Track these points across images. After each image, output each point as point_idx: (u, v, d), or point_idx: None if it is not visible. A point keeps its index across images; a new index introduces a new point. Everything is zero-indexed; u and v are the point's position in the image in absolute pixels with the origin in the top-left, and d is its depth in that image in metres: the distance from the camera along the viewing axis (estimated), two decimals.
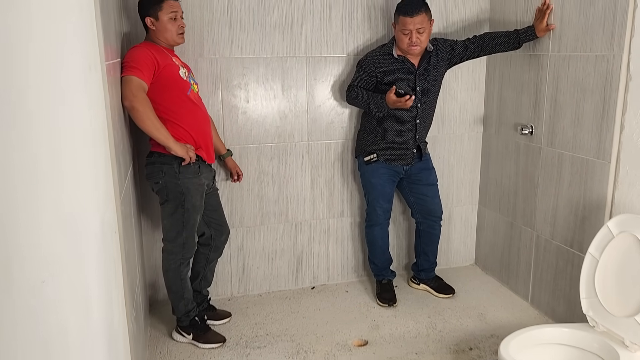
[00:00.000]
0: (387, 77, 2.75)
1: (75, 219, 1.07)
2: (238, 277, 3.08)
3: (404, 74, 2.75)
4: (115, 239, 1.69)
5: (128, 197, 2.12)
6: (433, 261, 3.12)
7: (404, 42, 2.66)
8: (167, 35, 2.35)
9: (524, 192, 2.94)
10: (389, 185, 2.94)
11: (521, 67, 2.88)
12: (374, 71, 2.75)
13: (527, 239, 2.94)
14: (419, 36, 2.63)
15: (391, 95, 2.60)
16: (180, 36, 2.39)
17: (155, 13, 2.33)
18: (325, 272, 3.24)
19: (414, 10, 2.59)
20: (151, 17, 2.33)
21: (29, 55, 0.85)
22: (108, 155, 1.67)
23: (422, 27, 2.62)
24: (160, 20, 2.33)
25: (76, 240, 1.07)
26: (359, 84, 2.78)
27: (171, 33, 2.35)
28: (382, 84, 2.76)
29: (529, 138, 2.84)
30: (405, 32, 2.63)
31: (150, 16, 2.33)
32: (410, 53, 2.71)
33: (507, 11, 2.96)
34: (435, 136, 3.19)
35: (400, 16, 2.63)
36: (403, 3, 2.66)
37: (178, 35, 2.38)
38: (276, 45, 2.86)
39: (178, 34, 2.38)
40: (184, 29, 2.40)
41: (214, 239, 2.64)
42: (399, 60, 2.74)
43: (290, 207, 3.08)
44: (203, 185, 2.42)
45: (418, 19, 2.60)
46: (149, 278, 2.91)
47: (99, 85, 1.56)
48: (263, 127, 2.94)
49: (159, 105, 2.28)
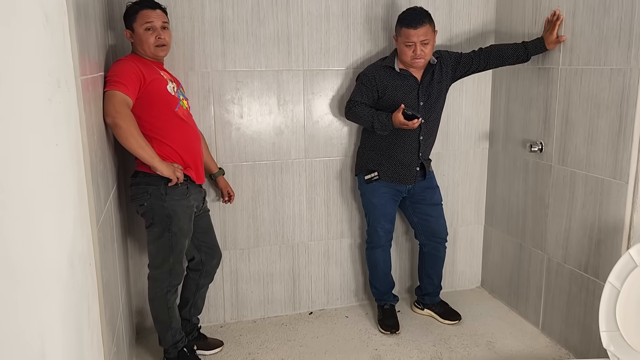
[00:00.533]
0: (388, 92, 2.60)
1: (25, 264, 0.91)
2: (231, 303, 2.91)
3: (407, 88, 2.60)
4: (89, 272, 1.53)
5: (109, 222, 1.96)
6: (438, 285, 2.95)
7: (407, 55, 2.52)
8: (145, 48, 2.21)
9: (533, 212, 2.78)
10: (391, 205, 2.78)
11: (529, 80, 2.73)
12: (375, 86, 2.60)
13: (538, 261, 2.77)
14: (423, 48, 2.49)
15: (399, 116, 2.45)
16: (159, 48, 2.22)
17: (131, 25, 2.20)
18: (324, 296, 3.07)
19: (417, 22, 2.45)
20: (128, 30, 2.21)
21: None
22: (83, 179, 1.52)
23: (426, 39, 2.48)
24: (136, 32, 2.20)
25: (26, 291, 0.91)
26: (359, 100, 2.63)
27: (148, 45, 2.20)
28: (384, 99, 2.61)
29: (539, 155, 2.69)
30: (409, 44, 2.49)
31: (128, 28, 2.22)
32: (414, 66, 2.57)
33: (514, 22, 2.82)
34: (439, 152, 3.04)
35: (403, 28, 2.48)
36: (405, 14, 2.52)
37: (155, 47, 2.21)
38: (271, 57, 2.71)
39: (155, 46, 2.21)
40: (162, 40, 2.23)
41: (204, 263, 2.48)
42: (401, 74, 2.59)
43: (287, 228, 2.92)
44: (192, 207, 2.26)
45: (422, 31, 2.46)
46: (135, 305, 2.74)
47: (70, 102, 1.41)
48: (258, 143, 2.78)
49: (145, 122, 2.13)
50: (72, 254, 1.29)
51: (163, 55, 2.27)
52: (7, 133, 0.86)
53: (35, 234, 0.98)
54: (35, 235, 0.99)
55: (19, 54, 0.95)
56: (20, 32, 0.98)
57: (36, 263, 0.98)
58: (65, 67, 1.36)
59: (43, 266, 1.03)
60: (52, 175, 1.15)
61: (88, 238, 1.53)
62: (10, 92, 0.89)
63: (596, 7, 2.27)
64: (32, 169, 1.00)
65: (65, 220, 1.26)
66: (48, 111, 1.14)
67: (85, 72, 1.65)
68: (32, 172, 0.99)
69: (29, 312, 0.92)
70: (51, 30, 1.22)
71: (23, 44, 0.99)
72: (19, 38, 0.97)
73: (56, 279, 1.12)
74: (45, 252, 1.05)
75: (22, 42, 0.98)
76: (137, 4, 2.21)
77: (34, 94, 1.04)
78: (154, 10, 2.21)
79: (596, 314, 2.37)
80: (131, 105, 2.06)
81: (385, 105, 2.60)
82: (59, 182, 1.21)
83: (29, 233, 0.95)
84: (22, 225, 0.91)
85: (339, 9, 2.76)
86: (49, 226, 1.08)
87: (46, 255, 1.05)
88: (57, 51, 1.27)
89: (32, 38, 1.05)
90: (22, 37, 0.99)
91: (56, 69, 1.25)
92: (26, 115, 0.97)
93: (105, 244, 1.82)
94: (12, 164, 0.87)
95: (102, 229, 1.75)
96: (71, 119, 1.40)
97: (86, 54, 1.71)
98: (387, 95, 2.60)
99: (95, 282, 1.61)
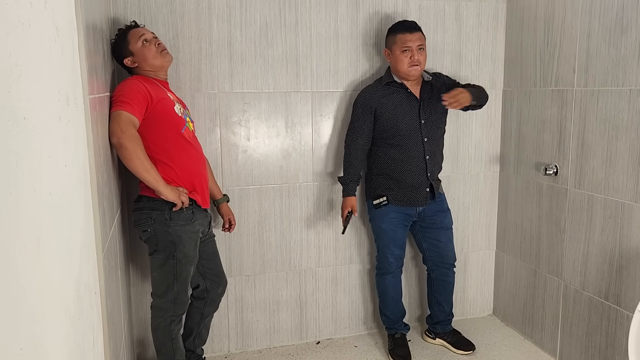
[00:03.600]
0: (387, 112, 2.55)
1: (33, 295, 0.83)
2: (236, 332, 2.80)
3: (408, 106, 2.56)
4: (95, 301, 1.44)
5: (113, 249, 1.87)
6: (449, 312, 2.85)
7: (404, 63, 2.49)
8: (150, 62, 2.15)
9: (548, 237, 2.70)
10: (401, 230, 2.69)
11: (542, 103, 2.68)
12: (372, 107, 2.56)
13: (554, 288, 2.68)
14: (420, 54, 2.49)
15: (347, 208, 2.60)
16: (164, 54, 2.18)
17: (127, 49, 2.14)
18: (332, 324, 2.96)
19: (412, 27, 2.51)
20: (127, 57, 2.15)
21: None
22: (89, 202, 1.43)
23: (422, 44, 2.51)
24: (135, 53, 2.14)
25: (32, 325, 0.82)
26: (358, 126, 2.60)
27: (152, 55, 2.15)
28: (383, 119, 2.56)
29: (553, 179, 2.62)
30: (405, 49, 2.49)
31: (126, 56, 2.15)
32: (411, 76, 2.52)
33: (524, 44, 2.78)
34: (449, 176, 2.97)
35: (398, 34, 2.50)
36: (397, 23, 2.56)
37: (161, 53, 2.17)
38: (280, 79, 2.66)
39: (160, 52, 2.17)
40: (162, 45, 2.20)
41: (209, 291, 2.37)
42: (400, 89, 2.55)
43: (294, 254, 2.83)
44: (197, 233, 2.17)
45: (418, 35, 2.50)
46: (137, 334, 2.62)
47: (79, 121, 1.33)
48: (265, 166, 2.71)
49: (150, 143, 2.06)
50: (79, 283, 1.21)
51: (169, 61, 2.22)
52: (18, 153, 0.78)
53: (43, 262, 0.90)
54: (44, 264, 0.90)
55: (30, 67, 0.88)
56: (32, 44, 0.91)
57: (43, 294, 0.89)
58: (75, 84, 1.30)
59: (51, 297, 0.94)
60: (61, 198, 1.07)
61: (93, 265, 1.44)
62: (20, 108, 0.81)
63: (612, 27, 2.23)
64: (43, 191, 0.92)
65: (73, 246, 1.17)
66: (58, 130, 1.07)
67: (93, 91, 1.58)
68: (42, 195, 0.91)
69: (35, 348, 0.83)
70: (61, 45, 1.16)
71: (35, 56, 0.92)
72: (31, 50, 0.90)
73: (64, 311, 1.03)
74: (53, 281, 0.96)
75: (33, 54, 0.91)
76: (120, 31, 2.18)
77: (45, 111, 0.97)
78: (139, 27, 2.20)
79: (619, 343, 2.28)
80: (137, 125, 1.99)
81: (385, 125, 2.56)
82: (68, 206, 1.12)
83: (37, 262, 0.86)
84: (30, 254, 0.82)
85: (348, 30, 2.72)
86: (57, 254, 1.00)
87: (54, 285, 0.96)
88: (66, 67, 1.20)
89: (44, 51, 0.99)
90: (34, 49, 0.92)
91: (66, 85, 1.18)
92: (37, 134, 0.90)
93: (110, 271, 1.72)
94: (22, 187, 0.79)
95: (107, 256, 1.66)
96: (79, 139, 1.32)
97: (94, 72, 1.65)
98: (386, 114, 2.55)
99: (100, 312, 1.51)
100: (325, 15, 2.67)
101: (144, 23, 2.35)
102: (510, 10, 2.91)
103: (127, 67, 2.19)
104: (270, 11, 2.59)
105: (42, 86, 0.95)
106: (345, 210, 2.60)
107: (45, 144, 0.95)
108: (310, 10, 2.65)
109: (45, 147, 0.95)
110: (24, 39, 0.85)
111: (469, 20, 2.89)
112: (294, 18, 2.63)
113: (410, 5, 2.79)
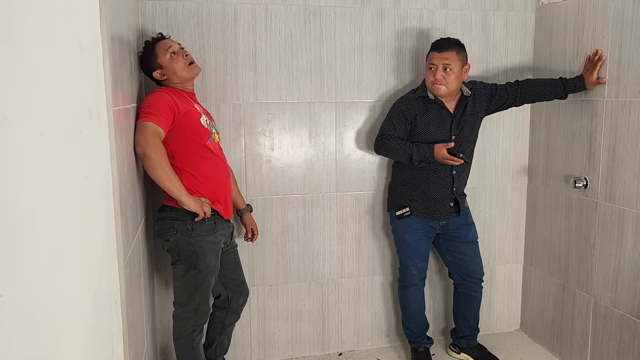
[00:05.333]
0: (421, 125, 2.51)
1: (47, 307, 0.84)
2: (258, 341, 2.80)
3: (440, 121, 2.51)
4: (115, 310, 1.46)
5: (136, 257, 1.89)
6: (475, 327, 2.79)
7: (428, 79, 2.46)
8: (179, 74, 2.18)
9: (578, 252, 2.62)
10: (424, 242, 2.66)
11: (571, 114, 2.62)
12: (407, 118, 2.52)
13: (583, 304, 2.60)
14: (444, 74, 2.41)
15: (443, 150, 2.38)
16: (192, 67, 2.21)
17: (155, 62, 2.17)
18: (354, 336, 2.93)
19: (443, 46, 2.43)
20: (156, 70, 2.18)
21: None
22: (111, 213, 1.46)
23: (449, 64, 2.41)
24: (164, 66, 2.17)
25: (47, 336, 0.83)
26: (391, 133, 2.54)
27: (181, 67, 2.17)
28: (415, 132, 2.52)
29: (583, 192, 2.55)
30: (431, 66, 2.44)
31: (155, 69, 2.18)
32: (434, 92, 2.48)
33: (553, 55, 2.73)
34: (475, 187, 2.93)
35: (430, 51, 2.47)
36: (437, 40, 2.50)
37: (189, 66, 2.20)
38: (304, 89, 2.67)
39: (189, 65, 2.20)
40: (190, 57, 2.22)
41: (231, 301, 2.38)
42: (434, 104, 2.51)
43: (317, 264, 2.82)
44: (219, 244, 2.18)
45: (445, 55, 2.41)
46: (160, 342, 2.65)
47: (102, 134, 1.36)
48: (288, 176, 2.72)
49: (175, 153, 2.09)
50: (98, 293, 1.22)
51: (197, 72, 2.24)
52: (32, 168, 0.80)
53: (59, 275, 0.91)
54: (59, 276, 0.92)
55: (49, 82, 0.91)
56: (53, 60, 0.93)
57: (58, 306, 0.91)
58: (98, 97, 1.32)
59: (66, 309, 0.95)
60: (80, 209, 1.09)
61: (115, 275, 1.47)
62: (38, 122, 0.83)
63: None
64: (59, 204, 0.94)
65: (93, 257, 1.19)
66: (79, 143, 1.09)
67: (117, 103, 1.61)
68: (59, 208, 0.93)
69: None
70: (84, 59, 1.19)
71: (55, 72, 0.94)
72: (51, 66, 0.92)
73: (80, 322, 1.05)
74: (69, 293, 0.98)
75: (53, 70, 0.93)
76: (147, 43, 2.22)
77: (64, 125, 0.99)
78: (165, 39, 2.22)
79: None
80: (163, 136, 2.02)
81: (415, 137, 2.52)
82: (87, 217, 1.14)
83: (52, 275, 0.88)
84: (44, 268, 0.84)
85: (373, 40, 2.71)
86: (74, 265, 1.01)
87: (70, 297, 0.98)
88: (89, 81, 1.23)
89: (64, 67, 1.01)
90: (55, 65, 0.94)
91: (88, 99, 1.21)
92: (54, 148, 0.92)
93: (131, 280, 1.75)
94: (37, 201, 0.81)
95: (129, 265, 1.69)
96: (102, 151, 1.35)
97: (119, 84, 1.68)
98: (419, 128, 2.52)
99: (120, 322, 1.53)
100: (350, 25, 2.67)
101: (171, 35, 2.39)
102: (539, 20, 2.85)
103: (155, 79, 2.23)
104: (295, 22, 2.61)
105: (61, 101, 0.97)
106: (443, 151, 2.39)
107: (63, 158, 0.97)
108: (335, 21, 2.65)
109: (63, 161, 0.97)
110: (44, 55, 0.88)
111: (497, 30, 2.85)
112: (319, 29, 2.64)
113: (436, 15, 2.76)
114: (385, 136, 2.55)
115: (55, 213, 0.90)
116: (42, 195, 0.84)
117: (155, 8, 2.45)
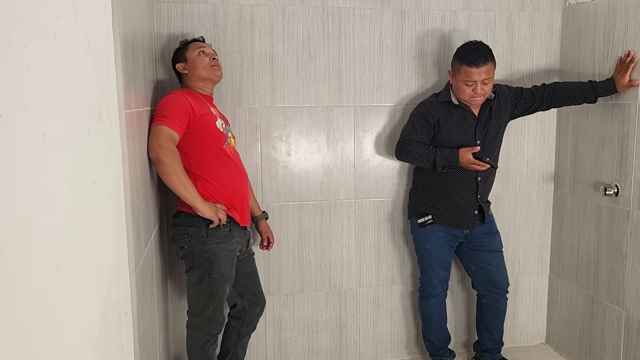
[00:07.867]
0: (445, 129, 2.42)
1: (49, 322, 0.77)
2: (273, 352, 2.72)
3: (464, 125, 2.42)
4: (125, 321, 1.39)
5: (149, 266, 1.83)
6: (499, 340, 2.68)
7: (466, 94, 2.34)
8: (198, 71, 2.16)
9: (608, 263, 2.50)
10: (447, 252, 2.56)
11: (601, 118, 2.51)
12: (430, 123, 2.44)
13: (614, 318, 2.48)
14: (484, 87, 2.32)
15: (468, 155, 2.28)
16: (214, 68, 2.19)
17: (183, 55, 2.18)
18: (373, 348, 2.84)
19: (480, 60, 2.27)
20: (180, 62, 2.18)
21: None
22: (122, 219, 1.40)
23: (488, 77, 2.31)
24: (189, 60, 2.16)
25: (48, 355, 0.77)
26: (413, 138, 2.45)
27: (203, 65, 2.16)
28: (439, 137, 2.43)
29: (614, 199, 2.43)
30: (469, 83, 2.31)
31: (180, 61, 2.19)
32: (471, 104, 2.39)
33: (581, 58, 2.62)
34: (499, 194, 2.82)
35: (464, 66, 2.30)
36: (466, 50, 2.32)
37: (211, 67, 2.18)
38: (322, 93, 2.60)
39: (211, 66, 2.18)
40: (216, 60, 2.21)
41: (247, 311, 2.31)
42: (458, 109, 2.42)
43: (334, 273, 2.73)
44: (234, 252, 2.11)
45: (484, 69, 2.28)
46: (173, 352, 2.58)
47: (113, 137, 1.30)
48: (305, 182, 2.64)
49: (190, 158, 2.03)
50: (107, 304, 1.16)
51: (218, 76, 2.22)
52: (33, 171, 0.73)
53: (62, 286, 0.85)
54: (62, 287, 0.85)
55: (54, 80, 0.84)
56: (57, 57, 0.87)
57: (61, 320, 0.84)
58: (108, 99, 1.26)
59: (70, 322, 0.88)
60: (87, 217, 1.02)
61: (125, 284, 1.40)
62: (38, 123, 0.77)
63: None
64: (64, 211, 0.87)
65: (101, 266, 1.13)
66: (86, 146, 1.03)
67: (130, 106, 1.55)
68: (63, 214, 0.86)
69: None
70: (94, 59, 1.12)
71: (60, 69, 0.88)
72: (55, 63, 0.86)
73: (86, 335, 0.98)
74: (74, 305, 0.91)
75: (58, 68, 0.87)
76: (185, 40, 2.26)
77: (70, 126, 0.92)
78: (204, 42, 2.26)
79: None
80: (177, 140, 1.96)
81: (439, 142, 2.43)
82: (95, 225, 1.08)
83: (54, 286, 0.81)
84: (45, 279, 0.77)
85: (393, 43, 2.63)
86: (79, 276, 0.95)
87: (74, 310, 0.91)
88: (99, 82, 1.17)
89: (71, 65, 0.95)
90: (59, 62, 0.88)
91: (98, 100, 1.14)
92: (59, 150, 0.85)
93: (143, 289, 1.68)
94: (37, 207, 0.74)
95: (140, 274, 1.62)
96: (112, 155, 1.29)
97: (132, 86, 1.63)
98: (442, 133, 2.43)
99: (131, 333, 1.47)
100: (369, 27, 2.60)
101: (187, 38, 2.34)
102: (566, 21, 2.75)
103: (178, 74, 2.23)
104: (313, 24, 2.54)
105: (67, 101, 0.91)
106: (468, 156, 2.29)
107: (69, 161, 0.91)
108: (354, 22, 2.58)
109: (69, 164, 0.91)
110: (47, 51, 0.81)
111: (521, 32, 2.75)
112: (337, 31, 2.57)
113: (459, 17, 2.68)
114: (407, 141, 2.46)
115: (58, 219, 0.84)
116: (44, 199, 0.78)
117: (171, 10, 2.40)
